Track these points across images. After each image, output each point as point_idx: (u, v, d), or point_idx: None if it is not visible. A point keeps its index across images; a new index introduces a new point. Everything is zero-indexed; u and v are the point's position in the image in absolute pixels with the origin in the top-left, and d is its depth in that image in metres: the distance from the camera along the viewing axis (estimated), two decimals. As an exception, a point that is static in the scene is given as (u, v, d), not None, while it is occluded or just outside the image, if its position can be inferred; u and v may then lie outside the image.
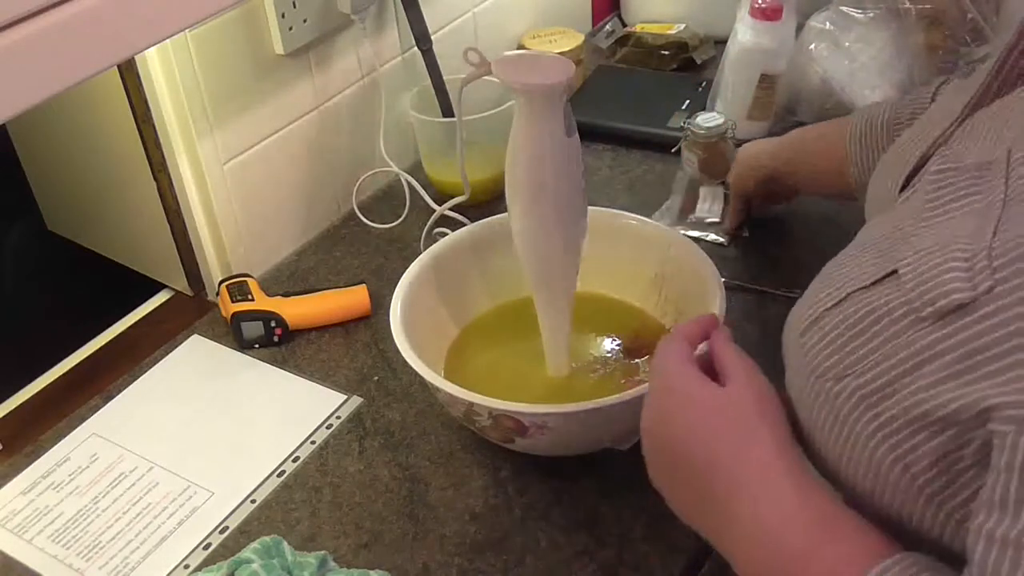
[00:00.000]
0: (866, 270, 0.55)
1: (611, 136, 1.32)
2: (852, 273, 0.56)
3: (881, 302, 0.52)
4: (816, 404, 0.55)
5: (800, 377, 0.57)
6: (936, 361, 0.48)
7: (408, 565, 0.82)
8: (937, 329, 0.48)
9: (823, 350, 0.55)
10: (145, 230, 1.11)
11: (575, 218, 0.84)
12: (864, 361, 0.52)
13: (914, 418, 0.49)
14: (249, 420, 0.97)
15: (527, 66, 0.78)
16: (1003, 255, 0.46)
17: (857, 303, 0.54)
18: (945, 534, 0.51)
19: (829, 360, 0.54)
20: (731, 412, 0.59)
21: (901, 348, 0.50)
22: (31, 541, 0.86)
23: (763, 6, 1.24)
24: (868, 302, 0.53)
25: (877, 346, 0.51)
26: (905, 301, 0.50)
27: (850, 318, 0.54)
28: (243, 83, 1.05)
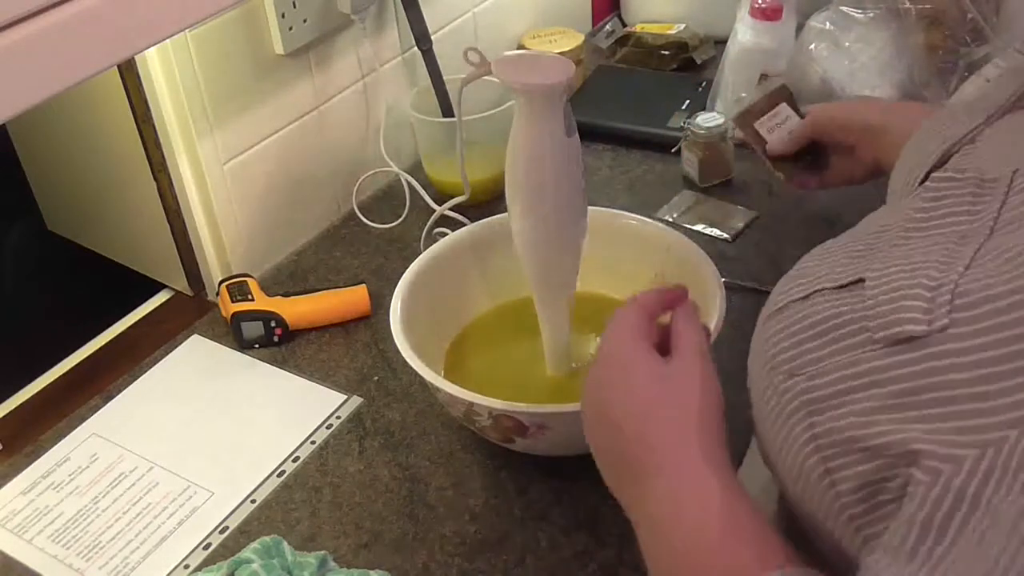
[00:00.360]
0: (839, 270, 0.53)
1: (611, 136, 1.32)
2: (825, 269, 0.54)
3: (844, 309, 0.50)
4: (765, 395, 0.54)
5: (757, 363, 0.56)
6: (878, 388, 0.46)
7: (408, 565, 0.82)
8: (885, 356, 0.46)
9: (781, 342, 0.54)
10: (145, 230, 1.11)
11: (575, 218, 0.84)
12: (816, 365, 0.50)
13: (848, 439, 0.47)
14: (249, 420, 0.97)
15: (527, 66, 0.78)
16: (966, 295, 0.44)
17: (823, 303, 0.52)
18: (861, 555, 0.49)
19: (784, 354, 0.53)
20: (667, 390, 0.58)
21: (850, 364, 0.48)
22: (31, 541, 0.86)
23: (763, 6, 1.24)
24: (832, 305, 0.51)
25: (830, 354, 0.50)
26: (863, 316, 0.49)
27: (812, 316, 0.52)
28: (243, 83, 1.05)
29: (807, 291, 0.54)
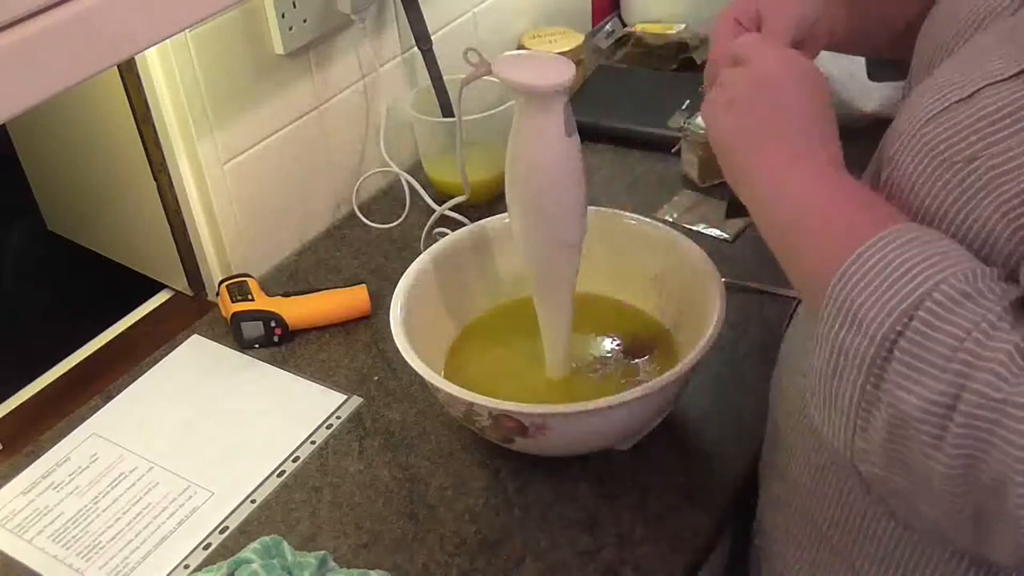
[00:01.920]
0: (993, 68, 0.56)
1: (611, 136, 1.32)
2: (976, 72, 0.57)
3: (1020, 94, 0.54)
4: (936, 187, 0.57)
5: (918, 165, 0.59)
6: None
7: (408, 565, 0.82)
8: None
9: (953, 135, 0.56)
10: (145, 230, 1.11)
11: (575, 218, 0.84)
12: (1000, 144, 0.54)
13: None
14: (249, 420, 0.97)
15: (527, 66, 0.78)
16: None
17: (992, 95, 0.55)
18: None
19: (960, 144, 0.56)
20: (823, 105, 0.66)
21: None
22: (31, 541, 0.86)
23: (763, 6, 1.24)
24: (1009, 93, 0.54)
25: (1012, 134, 0.53)
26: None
27: (987, 107, 0.55)
28: (243, 83, 1.05)
29: (969, 91, 0.57)
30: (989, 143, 0.54)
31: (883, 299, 0.53)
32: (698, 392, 0.92)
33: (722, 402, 0.94)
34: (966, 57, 0.61)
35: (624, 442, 0.89)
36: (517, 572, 0.81)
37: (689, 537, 0.83)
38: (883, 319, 0.53)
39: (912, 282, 0.53)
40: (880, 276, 0.54)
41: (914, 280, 0.53)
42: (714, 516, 0.84)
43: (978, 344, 0.50)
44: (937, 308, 0.52)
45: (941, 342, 0.51)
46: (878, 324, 0.53)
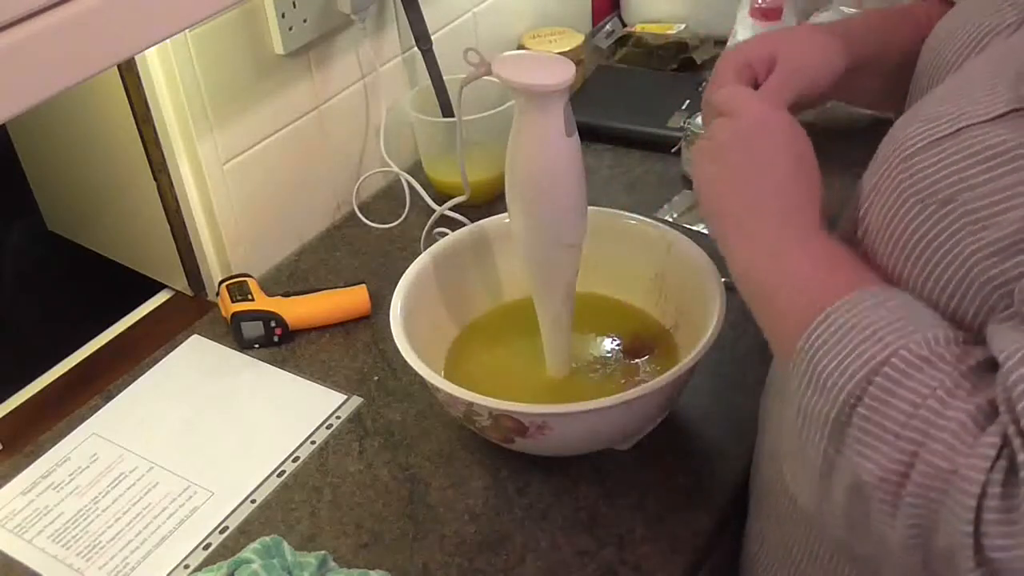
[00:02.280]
0: (976, 108, 0.56)
1: (611, 136, 1.32)
2: (962, 109, 0.57)
3: (1005, 136, 0.53)
4: (913, 225, 0.57)
5: (896, 200, 0.58)
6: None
7: (408, 565, 0.82)
8: None
9: (933, 174, 0.56)
10: (145, 230, 1.11)
11: (575, 218, 0.84)
12: (978, 188, 0.53)
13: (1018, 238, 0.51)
14: (249, 420, 0.97)
15: (527, 66, 0.78)
16: None
17: (977, 135, 0.55)
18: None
19: (939, 184, 0.55)
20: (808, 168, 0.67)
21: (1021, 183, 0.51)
22: (31, 541, 0.86)
23: (763, 6, 1.24)
24: (990, 135, 0.54)
25: (996, 176, 0.53)
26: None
27: (971, 147, 0.54)
28: (243, 83, 1.05)
29: (955, 127, 0.56)
30: (965, 186, 0.54)
31: (845, 363, 0.53)
32: (698, 392, 0.92)
33: (722, 402, 0.94)
34: (955, 87, 0.60)
35: (624, 442, 0.89)
36: (517, 572, 0.81)
37: (689, 537, 0.83)
38: (844, 383, 0.53)
39: (874, 346, 0.53)
40: (844, 339, 0.54)
41: (876, 344, 0.53)
42: (714, 516, 0.84)
43: (933, 412, 0.50)
44: (894, 374, 0.52)
45: (897, 408, 0.51)
46: (839, 388, 0.53)
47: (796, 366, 0.57)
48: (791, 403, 0.57)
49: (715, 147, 0.70)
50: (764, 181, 0.66)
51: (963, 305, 0.55)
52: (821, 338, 0.55)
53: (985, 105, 0.55)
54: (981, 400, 0.49)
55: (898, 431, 0.51)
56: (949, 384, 0.50)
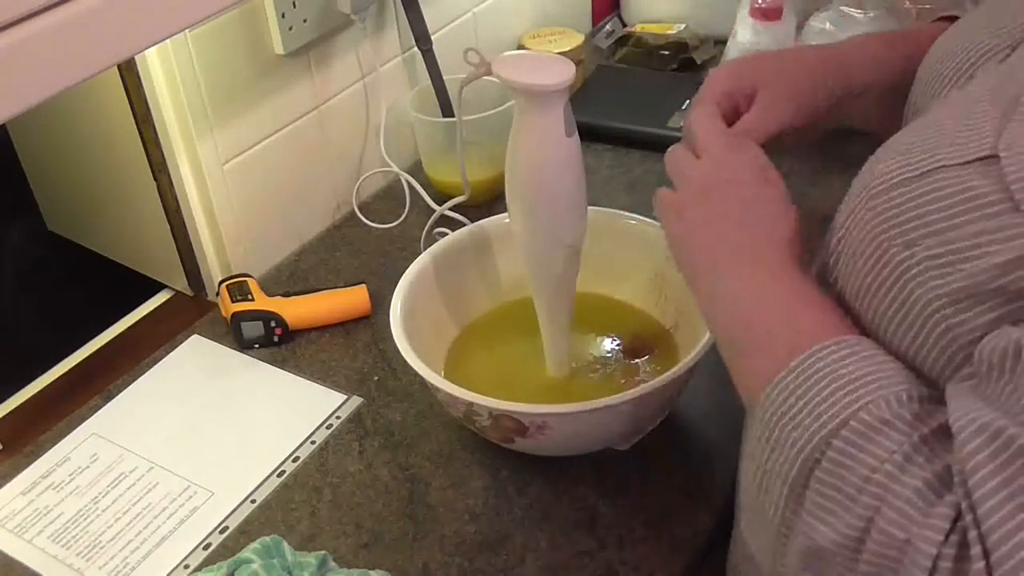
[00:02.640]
0: (952, 149, 0.55)
1: (611, 136, 1.32)
2: (936, 149, 0.56)
3: (974, 183, 0.52)
4: (876, 268, 0.56)
5: (862, 240, 0.58)
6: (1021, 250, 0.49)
7: (408, 565, 0.82)
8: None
9: (895, 217, 0.55)
10: (145, 230, 1.11)
11: (575, 218, 0.84)
12: (942, 235, 0.52)
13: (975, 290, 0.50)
14: (249, 420, 0.97)
15: (527, 66, 0.78)
16: None
17: (944, 178, 0.54)
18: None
19: (903, 226, 0.54)
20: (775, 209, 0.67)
21: (987, 232, 0.50)
22: (31, 541, 0.86)
23: (763, 6, 1.24)
24: (958, 180, 0.53)
25: (961, 224, 0.52)
26: (1002, 189, 0.50)
27: (938, 191, 0.53)
28: (243, 83, 1.05)
29: (923, 169, 0.55)
30: (927, 232, 0.53)
31: (805, 423, 0.53)
32: (698, 392, 0.92)
33: (722, 402, 0.94)
34: (935, 121, 0.59)
35: (624, 442, 0.89)
36: (517, 572, 0.81)
37: (689, 537, 0.83)
38: (803, 444, 0.52)
39: (834, 407, 0.52)
40: (805, 398, 0.53)
41: (836, 405, 0.52)
42: (714, 516, 0.84)
43: (889, 478, 0.49)
44: (853, 436, 0.51)
45: (855, 472, 0.50)
46: (798, 449, 0.52)
47: (758, 423, 0.56)
48: (751, 458, 0.57)
49: (677, 204, 0.70)
50: (717, 235, 0.66)
51: (924, 352, 0.54)
52: (780, 396, 0.55)
53: (960, 147, 0.54)
54: (939, 467, 0.49)
55: (855, 496, 0.50)
56: (907, 449, 0.49)
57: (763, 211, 0.66)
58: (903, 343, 0.55)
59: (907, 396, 0.51)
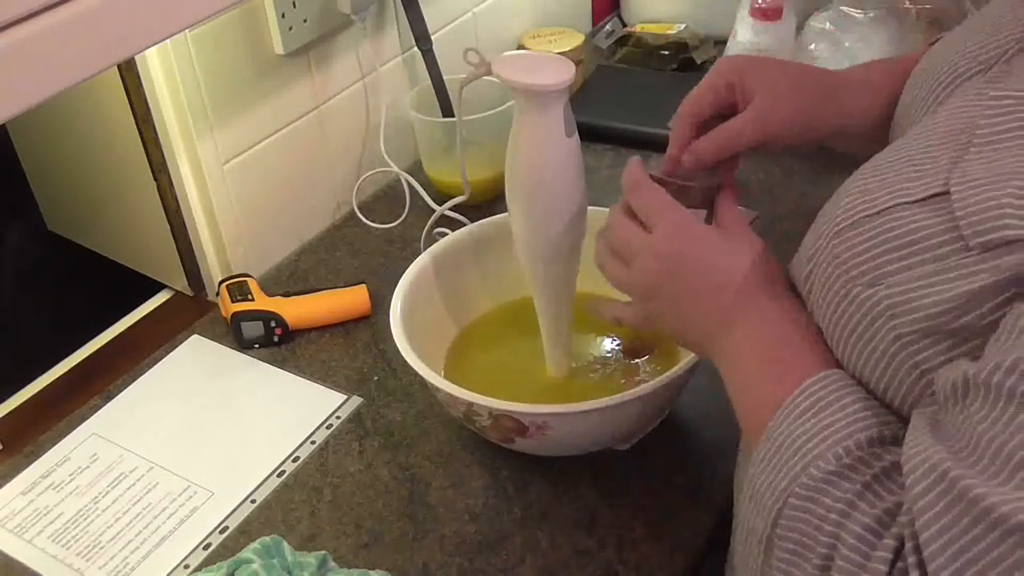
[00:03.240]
0: (909, 185, 0.55)
1: (611, 136, 1.32)
2: (894, 185, 0.56)
3: (925, 222, 0.53)
4: (843, 305, 0.57)
5: (829, 277, 0.59)
6: (972, 285, 0.49)
7: (408, 565, 0.82)
8: (980, 262, 0.49)
9: (857, 255, 0.56)
10: (145, 230, 1.11)
11: (575, 218, 0.84)
12: (899, 275, 0.53)
13: (936, 330, 0.51)
14: (249, 420, 0.97)
15: (527, 66, 0.78)
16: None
17: (899, 217, 0.54)
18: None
19: (863, 267, 0.55)
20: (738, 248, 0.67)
21: (938, 272, 0.51)
22: (31, 541, 0.86)
23: (763, 6, 1.24)
24: (911, 219, 0.54)
25: (916, 263, 0.52)
26: (952, 227, 0.51)
27: (891, 231, 0.54)
28: (243, 83, 1.05)
29: (879, 207, 0.56)
30: (887, 271, 0.54)
31: (775, 479, 0.54)
32: (698, 392, 0.92)
33: (722, 402, 0.93)
34: (896, 153, 0.60)
35: (624, 442, 0.89)
36: (517, 572, 0.81)
37: (689, 537, 0.83)
38: (772, 501, 0.54)
39: (798, 464, 0.54)
40: (778, 454, 0.55)
41: (800, 461, 0.54)
42: (714, 516, 0.84)
43: (837, 526, 0.51)
44: (804, 492, 0.53)
45: (809, 523, 0.52)
46: (769, 506, 0.54)
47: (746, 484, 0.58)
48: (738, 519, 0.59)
49: (641, 289, 0.71)
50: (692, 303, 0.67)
51: (894, 386, 0.55)
52: (761, 454, 0.57)
53: (915, 183, 0.55)
54: (884, 507, 0.50)
55: (812, 546, 0.52)
56: (852, 496, 0.51)
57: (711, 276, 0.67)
58: (872, 377, 0.56)
59: (855, 444, 0.53)
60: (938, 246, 0.51)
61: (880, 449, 0.53)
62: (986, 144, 0.53)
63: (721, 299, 0.65)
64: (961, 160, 0.53)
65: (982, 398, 0.46)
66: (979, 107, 0.56)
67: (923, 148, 0.57)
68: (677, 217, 0.69)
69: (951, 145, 0.55)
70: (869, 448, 0.53)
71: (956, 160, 0.54)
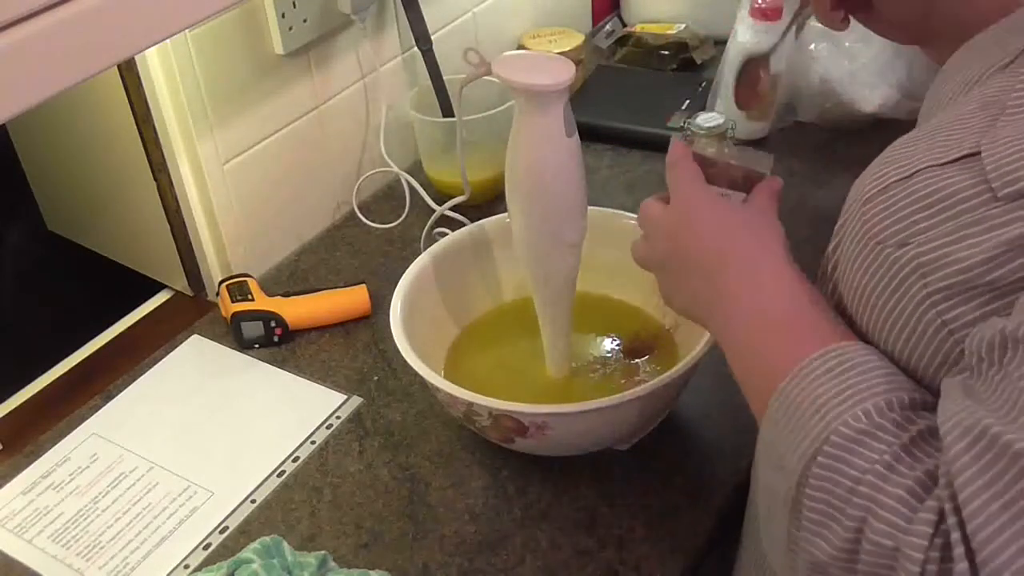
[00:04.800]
0: (939, 150, 0.56)
1: (611, 136, 1.32)
2: (924, 151, 0.57)
3: (954, 180, 0.53)
4: (871, 269, 0.57)
5: (857, 243, 0.59)
6: (1003, 236, 0.49)
7: (408, 565, 0.82)
8: (1008, 211, 0.49)
9: (887, 218, 0.56)
10: (145, 230, 1.11)
11: (575, 218, 0.84)
12: (927, 232, 0.53)
13: (965, 285, 0.51)
14: (249, 420, 0.97)
15: (527, 66, 0.78)
16: None
17: (928, 178, 0.55)
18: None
19: (892, 228, 0.55)
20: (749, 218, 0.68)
21: (965, 226, 0.51)
22: (31, 541, 0.86)
23: (763, 6, 1.24)
24: (940, 178, 0.54)
25: (942, 221, 0.52)
26: (981, 180, 0.51)
27: (919, 191, 0.54)
28: (243, 83, 1.05)
29: (909, 171, 0.56)
30: (917, 229, 0.53)
31: (796, 439, 0.53)
32: (698, 392, 0.92)
33: (722, 402, 0.94)
34: (924, 130, 0.60)
35: (624, 442, 0.89)
36: (517, 572, 0.81)
37: (689, 537, 0.83)
38: (796, 463, 0.53)
39: (821, 422, 0.52)
40: (796, 414, 0.54)
41: (823, 419, 0.52)
42: (714, 516, 0.84)
43: (873, 488, 0.49)
44: (833, 451, 0.51)
45: (840, 485, 0.51)
46: (791, 469, 0.53)
47: (761, 444, 0.58)
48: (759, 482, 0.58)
49: (654, 263, 0.72)
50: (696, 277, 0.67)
51: (918, 352, 0.54)
52: (775, 416, 0.55)
53: (946, 148, 0.55)
54: (923, 470, 0.49)
55: (843, 508, 0.50)
56: (888, 458, 0.50)
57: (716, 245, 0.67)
58: (898, 344, 0.55)
59: (887, 404, 0.52)
60: (967, 200, 0.51)
61: (912, 412, 0.52)
62: (1017, 111, 0.54)
63: (728, 273, 0.65)
64: (992, 127, 0.53)
65: (1022, 354, 0.46)
66: (1010, 84, 0.56)
67: (955, 120, 0.57)
68: (694, 192, 0.70)
69: (982, 116, 0.55)
70: (902, 411, 0.52)
71: (987, 128, 0.54)
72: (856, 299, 0.58)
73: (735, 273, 0.64)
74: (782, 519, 0.55)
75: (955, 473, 0.46)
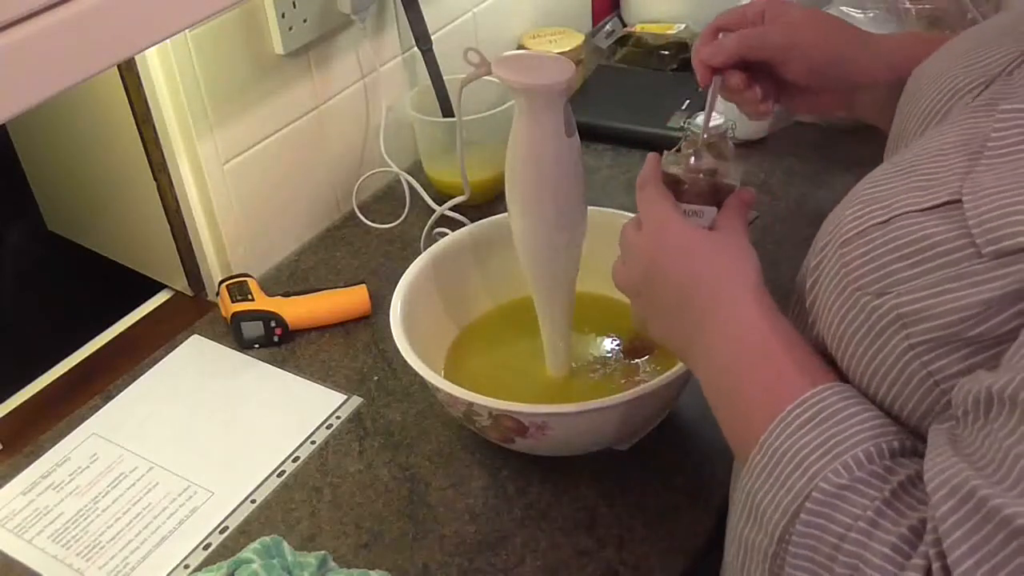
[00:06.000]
0: (919, 194, 0.55)
1: (611, 136, 1.32)
2: (903, 194, 0.56)
3: (936, 230, 0.52)
4: (850, 316, 0.56)
5: (836, 287, 0.58)
6: (986, 294, 0.49)
7: (408, 565, 0.82)
8: (991, 269, 0.49)
9: (866, 264, 0.55)
10: (145, 230, 1.11)
11: (575, 218, 0.84)
12: (908, 283, 0.52)
13: (950, 339, 0.50)
14: (249, 420, 0.97)
15: (527, 66, 0.78)
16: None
17: (908, 225, 0.54)
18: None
19: (871, 275, 0.55)
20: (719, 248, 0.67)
21: (950, 279, 0.50)
22: (31, 541, 0.86)
23: (763, 6, 1.24)
24: (921, 227, 0.53)
25: (923, 272, 0.52)
26: (964, 233, 0.51)
27: (899, 239, 0.54)
28: (243, 83, 1.05)
29: (888, 215, 0.55)
30: (898, 279, 0.53)
31: (778, 494, 0.53)
32: (698, 392, 0.92)
33: (722, 402, 0.94)
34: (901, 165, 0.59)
35: (624, 442, 0.89)
36: (517, 572, 0.81)
37: (689, 537, 0.83)
38: (778, 517, 0.53)
39: (803, 477, 0.52)
40: (778, 467, 0.54)
41: (804, 474, 0.52)
42: (714, 516, 0.84)
43: (858, 545, 0.49)
44: (816, 507, 0.51)
45: (824, 542, 0.50)
46: (775, 522, 0.53)
47: (737, 496, 0.57)
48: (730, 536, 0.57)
49: (630, 288, 0.72)
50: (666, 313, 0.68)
51: (903, 398, 0.54)
52: (759, 465, 0.55)
53: (924, 192, 0.54)
54: (906, 526, 0.49)
55: (830, 566, 0.50)
56: (871, 513, 0.49)
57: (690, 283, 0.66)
58: (880, 388, 0.55)
59: (866, 457, 0.51)
60: (949, 252, 0.51)
61: (892, 462, 0.52)
62: (997, 156, 0.53)
63: (696, 302, 0.64)
64: (972, 171, 0.53)
65: (1007, 413, 0.45)
66: (989, 120, 0.56)
67: (932, 158, 0.57)
68: (662, 216, 0.69)
69: (960, 155, 0.55)
70: (882, 460, 0.51)
71: (967, 171, 0.53)
72: (836, 344, 0.58)
73: (699, 314, 0.64)
74: (762, 574, 0.54)
75: (943, 534, 0.46)
